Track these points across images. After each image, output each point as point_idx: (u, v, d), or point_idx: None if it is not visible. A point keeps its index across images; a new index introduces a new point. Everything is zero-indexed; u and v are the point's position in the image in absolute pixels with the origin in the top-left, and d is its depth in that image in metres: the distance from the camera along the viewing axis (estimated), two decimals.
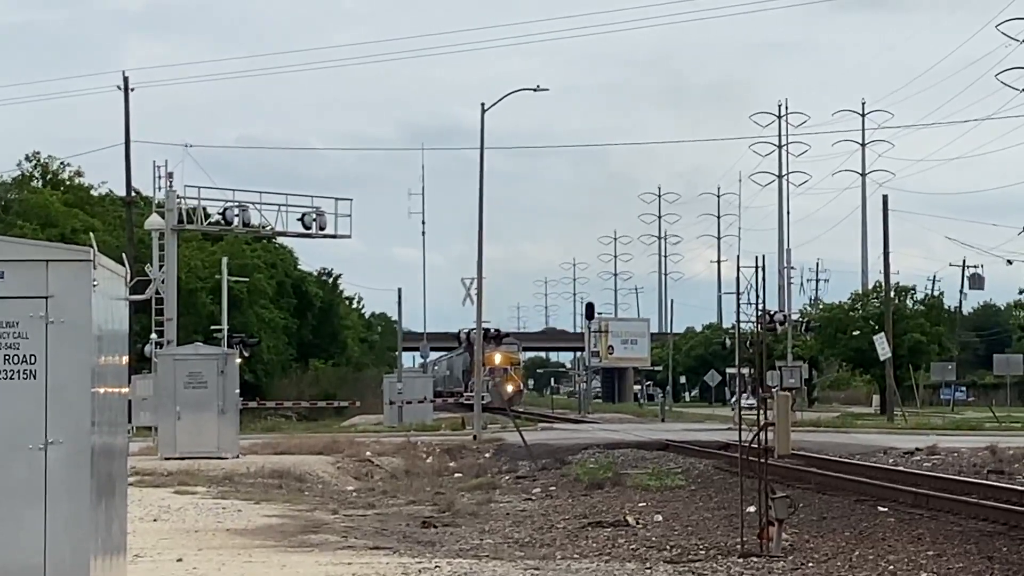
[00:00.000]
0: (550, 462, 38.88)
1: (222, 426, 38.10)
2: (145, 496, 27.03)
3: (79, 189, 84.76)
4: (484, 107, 54.17)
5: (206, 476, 32.29)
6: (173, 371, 38.59)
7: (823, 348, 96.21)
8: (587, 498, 28.42)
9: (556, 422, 70.81)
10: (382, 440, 45.30)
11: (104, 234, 66.01)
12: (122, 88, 66.37)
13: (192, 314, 69.21)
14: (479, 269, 54.43)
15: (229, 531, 22.13)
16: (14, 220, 73.11)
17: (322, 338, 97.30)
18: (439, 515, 25.49)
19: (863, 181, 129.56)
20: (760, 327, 21.35)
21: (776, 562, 17.87)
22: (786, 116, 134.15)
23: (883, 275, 76.74)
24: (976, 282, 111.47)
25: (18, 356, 11.44)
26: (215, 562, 17.79)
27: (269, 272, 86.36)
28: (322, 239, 54.82)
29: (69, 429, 11.41)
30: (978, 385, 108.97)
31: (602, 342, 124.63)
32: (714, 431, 52.14)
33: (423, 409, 65.79)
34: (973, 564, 17.63)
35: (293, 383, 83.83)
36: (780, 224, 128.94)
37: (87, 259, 11.61)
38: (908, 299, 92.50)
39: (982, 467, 34.46)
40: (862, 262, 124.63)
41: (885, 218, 73.01)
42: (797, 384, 71.82)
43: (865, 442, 45.03)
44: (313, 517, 24.87)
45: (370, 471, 37.10)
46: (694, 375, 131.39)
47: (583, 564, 18.00)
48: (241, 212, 51.98)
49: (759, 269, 23.72)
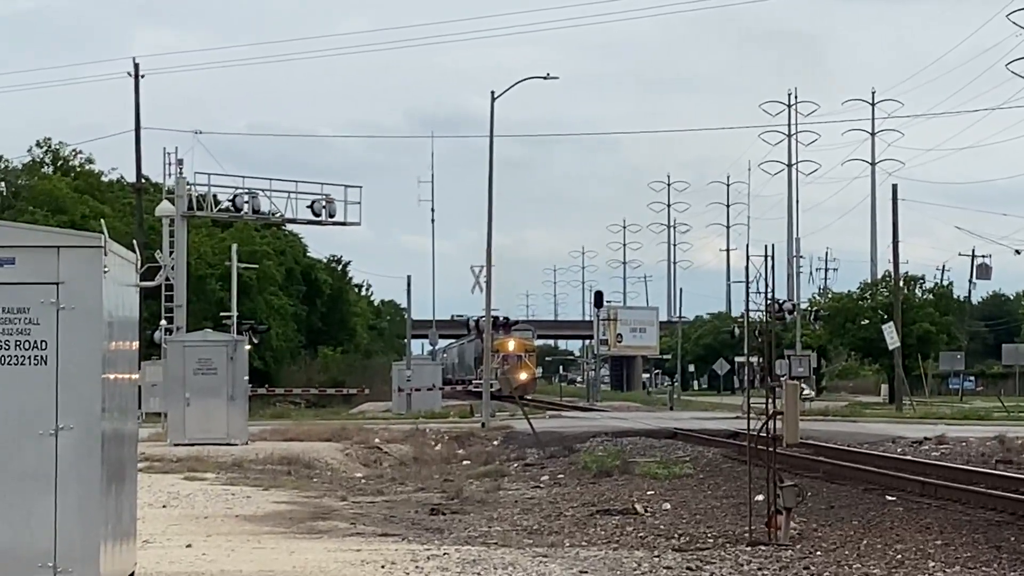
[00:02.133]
0: (558, 450, 38.89)
1: (231, 413, 38.14)
2: (155, 482, 27.09)
3: (89, 176, 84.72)
4: (494, 95, 54.20)
5: (215, 462, 32.34)
6: (183, 357, 38.63)
7: (832, 337, 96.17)
8: (595, 486, 28.43)
9: (564, 410, 70.83)
10: (391, 427, 45.35)
11: (114, 221, 66.06)
12: (132, 75, 66.39)
13: (201, 301, 69.21)
14: (488, 257, 54.47)
15: (238, 517, 22.18)
16: (25, 206, 73.15)
17: (331, 325, 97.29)
18: (447, 502, 25.52)
19: (872, 170, 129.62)
20: (769, 316, 21.38)
21: (784, 551, 17.88)
22: (795, 105, 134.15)
23: (892, 264, 76.70)
24: (983, 272, 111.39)
25: (29, 342, 11.48)
26: (224, 548, 17.83)
27: (278, 259, 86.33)
28: (331, 226, 54.93)
29: (79, 415, 11.45)
30: (987, 375, 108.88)
31: (611, 330, 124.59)
32: (723, 420, 52.12)
33: (432, 396, 65.85)
34: (981, 553, 17.63)
35: (302, 370, 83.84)
36: (789, 213, 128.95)
37: (98, 245, 11.64)
38: (917, 288, 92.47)
39: (990, 457, 34.45)
40: (871, 251, 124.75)
41: (894, 207, 72.93)
42: (806, 373, 71.82)
43: (873, 431, 45.02)
44: (322, 504, 24.91)
45: (379, 458, 37.14)
46: (703, 364, 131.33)
47: (591, 552, 18.02)
48: (251, 199, 52.05)
49: (768, 258, 23.76)
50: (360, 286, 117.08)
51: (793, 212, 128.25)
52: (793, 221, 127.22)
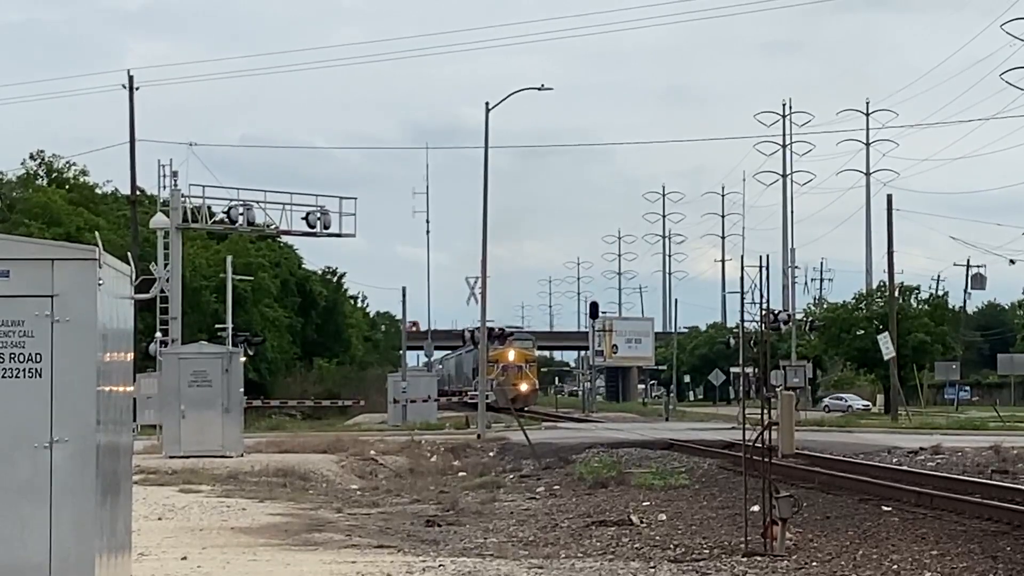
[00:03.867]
0: (554, 461, 38.88)
1: (226, 424, 38.13)
2: (150, 494, 27.07)
3: (84, 188, 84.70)
4: (488, 106, 54.22)
5: (210, 474, 32.32)
6: (178, 370, 38.61)
7: (827, 347, 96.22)
8: (591, 497, 28.42)
9: (560, 421, 70.81)
10: (386, 439, 45.32)
11: (109, 233, 66.06)
12: (126, 87, 66.35)
13: (196, 312, 69.23)
14: (483, 268, 54.47)
15: (233, 529, 22.15)
16: (19, 219, 73.08)
17: (326, 337, 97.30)
18: (443, 514, 25.51)
19: (867, 180, 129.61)
20: (764, 326, 21.35)
21: (780, 561, 17.87)
22: (790, 115, 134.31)
23: (887, 275, 76.75)
24: (978, 282, 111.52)
25: (23, 355, 11.45)
26: (219, 560, 17.81)
27: (273, 271, 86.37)
28: (326, 238, 55.02)
29: (74, 427, 11.43)
30: (982, 385, 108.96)
31: (606, 341, 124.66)
32: (718, 430, 52.10)
33: (427, 408, 65.82)
34: (977, 564, 17.63)
35: (297, 382, 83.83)
36: (784, 223, 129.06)
37: (92, 258, 11.62)
38: (912, 299, 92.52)
39: (986, 467, 34.46)
40: (866, 261, 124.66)
41: (889, 218, 73.02)
42: (801, 383, 71.82)
43: (869, 441, 45.03)
44: (317, 516, 24.89)
45: (374, 470, 37.12)
46: (698, 374, 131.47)
47: (587, 563, 18.00)
48: (246, 211, 52.10)
49: (763, 268, 23.73)
50: (355, 297, 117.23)
51: (788, 222, 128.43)
52: (788, 231, 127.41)
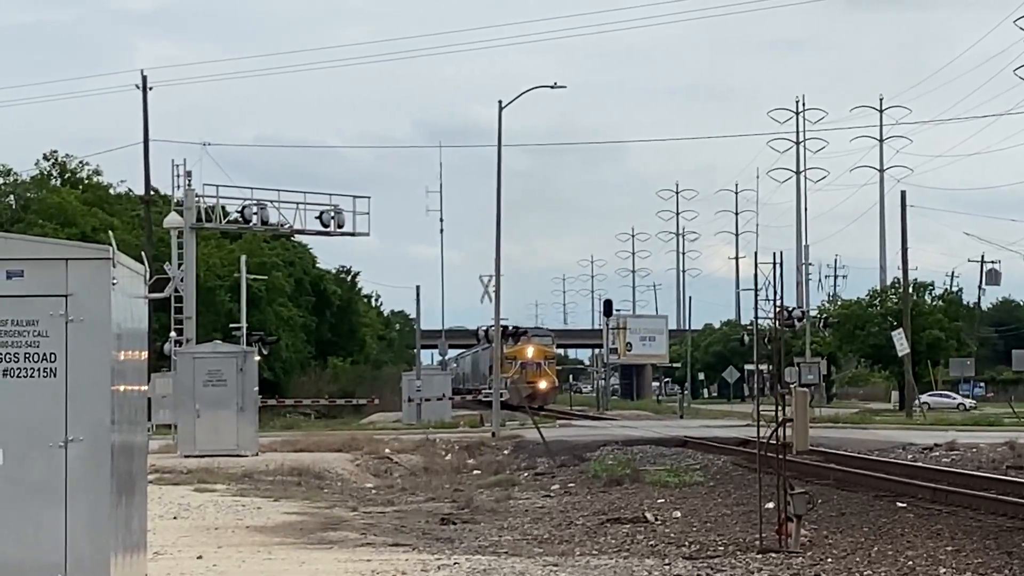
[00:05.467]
0: (568, 459, 38.88)
1: (241, 424, 38.17)
2: (165, 494, 27.10)
3: (98, 188, 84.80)
4: (501, 105, 54.22)
5: (225, 474, 32.36)
6: (192, 369, 38.66)
7: (841, 344, 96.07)
8: (606, 495, 28.41)
9: (574, 419, 70.83)
10: (401, 437, 45.35)
11: (123, 233, 66.20)
12: (140, 87, 66.40)
13: (211, 312, 69.27)
14: (497, 266, 54.47)
15: (249, 528, 22.17)
16: (34, 219, 73.23)
17: (340, 336, 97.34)
18: (458, 512, 25.51)
19: (881, 177, 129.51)
20: (778, 323, 21.34)
21: (795, 558, 17.86)
22: (803, 112, 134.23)
23: (901, 271, 76.64)
24: (992, 278, 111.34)
25: (38, 354, 11.48)
26: (235, 559, 17.82)
27: (287, 270, 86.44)
28: (340, 237, 55.10)
29: (89, 427, 11.45)
30: (997, 381, 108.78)
31: (620, 339, 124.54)
32: (733, 427, 52.08)
33: (441, 406, 65.81)
34: (992, 560, 17.60)
35: (312, 381, 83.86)
36: (798, 220, 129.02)
37: (106, 257, 11.64)
38: (926, 295, 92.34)
39: (1001, 463, 34.42)
40: (880, 258, 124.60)
41: (903, 214, 72.92)
42: (816, 380, 71.76)
43: (884, 438, 45.01)
44: (332, 514, 24.90)
45: (389, 468, 37.14)
46: (713, 372, 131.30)
47: (602, 560, 18.00)
48: (259, 210, 52.18)
49: (777, 265, 23.75)
50: (369, 296, 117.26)
51: (802, 219, 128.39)
52: (802, 228, 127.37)
